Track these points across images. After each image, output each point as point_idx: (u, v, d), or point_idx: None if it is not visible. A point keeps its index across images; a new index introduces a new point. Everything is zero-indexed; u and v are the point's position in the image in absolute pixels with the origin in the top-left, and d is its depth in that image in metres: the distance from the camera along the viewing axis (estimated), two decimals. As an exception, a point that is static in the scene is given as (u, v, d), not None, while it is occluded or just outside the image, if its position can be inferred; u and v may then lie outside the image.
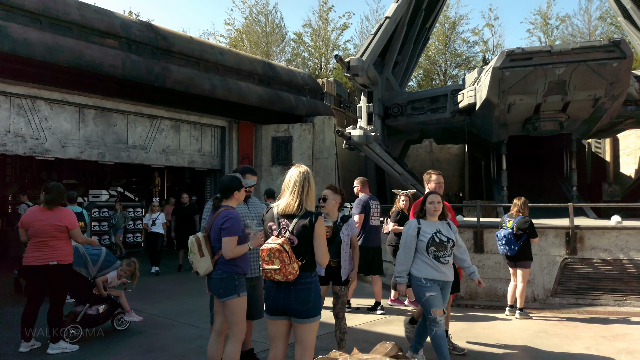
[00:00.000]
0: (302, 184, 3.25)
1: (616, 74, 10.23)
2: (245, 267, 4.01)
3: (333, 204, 4.70)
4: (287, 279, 3.11)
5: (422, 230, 4.42)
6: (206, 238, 3.90)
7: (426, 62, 28.49)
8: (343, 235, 4.63)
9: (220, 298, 3.84)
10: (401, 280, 4.45)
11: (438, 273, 4.36)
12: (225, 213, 3.81)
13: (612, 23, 26.31)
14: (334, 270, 4.68)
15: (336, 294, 4.73)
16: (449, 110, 14.14)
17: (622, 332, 5.91)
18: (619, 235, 7.86)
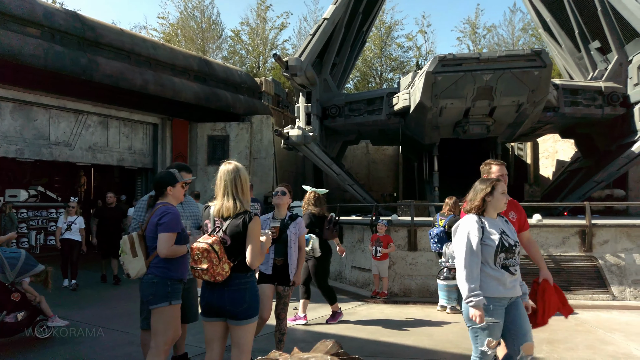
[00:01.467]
0: (233, 183, 3.13)
1: (537, 81, 10.93)
2: (183, 272, 3.70)
3: (287, 200, 4.70)
4: (215, 279, 3.00)
5: (487, 231, 3.35)
6: (140, 237, 3.63)
7: (363, 65, 29.07)
8: (290, 234, 4.57)
9: (149, 305, 3.56)
10: (478, 302, 3.20)
11: (506, 289, 3.31)
12: (163, 208, 3.57)
13: (533, 34, 28.24)
14: (280, 269, 4.60)
15: (279, 294, 4.66)
16: (385, 112, 14.48)
17: (543, 322, 6.31)
18: (540, 232, 8.41)
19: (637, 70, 13.18)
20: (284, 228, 4.52)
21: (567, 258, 8.27)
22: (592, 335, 5.68)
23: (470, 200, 3.52)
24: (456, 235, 3.44)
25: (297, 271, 4.66)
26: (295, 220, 4.65)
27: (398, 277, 8.60)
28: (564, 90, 13.56)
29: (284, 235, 4.51)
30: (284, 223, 4.58)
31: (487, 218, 3.42)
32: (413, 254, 8.64)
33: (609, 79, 13.95)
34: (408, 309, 7.34)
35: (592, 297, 8.01)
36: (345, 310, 7.21)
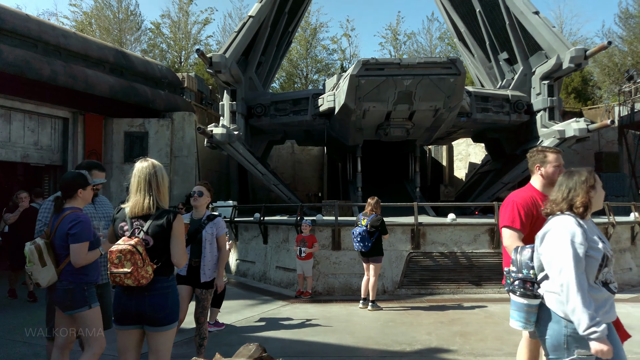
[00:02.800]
0: (148, 181, 3.00)
1: (452, 88, 11.56)
2: (96, 275, 3.64)
3: (206, 200, 4.56)
4: (139, 283, 2.84)
5: (590, 239, 2.60)
6: (48, 245, 3.44)
7: (289, 65, 29.13)
8: (206, 234, 4.44)
9: (67, 311, 3.43)
10: (603, 333, 2.39)
11: (607, 313, 2.59)
12: (73, 216, 3.38)
13: (449, 43, 29.88)
14: (196, 270, 4.46)
15: (197, 298, 4.51)
16: (310, 113, 14.59)
17: (457, 317, 6.69)
18: (454, 230, 8.90)
19: (539, 81, 14.39)
20: (200, 228, 4.39)
21: (478, 254, 8.83)
22: (500, 327, 6.11)
23: (567, 198, 2.70)
24: (552, 241, 2.61)
25: (218, 274, 4.55)
26: (213, 220, 4.53)
27: (322, 276, 8.69)
28: (476, 97, 14.49)
29: (199, 236, 4.39)
30: (200, 223, 4.46)
31: (585, 221, 2.66)
32: (337, 253, 8.79)
33: (515, 88, 15.11)
34: (331, 308, 7.45)
35: (500, 291, 8.61)
36: (270, 311, 7.16)
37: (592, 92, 27.91)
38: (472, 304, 7.56)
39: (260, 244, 10.14)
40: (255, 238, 10.36)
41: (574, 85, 26.81)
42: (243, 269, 10.61)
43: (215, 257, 4.53)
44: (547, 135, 13.82)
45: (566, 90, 26.11)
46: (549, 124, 13.99)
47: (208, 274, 4.48)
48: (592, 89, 28.00)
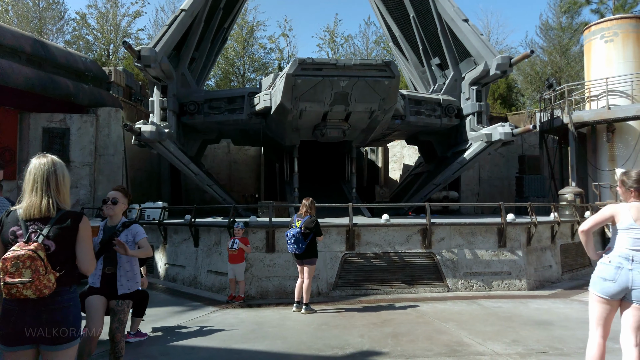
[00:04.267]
0: (46, 179, 2.67)
1: (387, 90, 11.71)
2: None
3: (122, 208, 4.16)
4: (40, 294, 2.48)
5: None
6: None
7: (225, 63, 28.47)
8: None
9: None
10: None
11: None
12: None
13: (385, 47, 30.54)
14: (111, 280, 4.08)
15: (113, 311, 4.11)
16: (246, 112, 14.26)
17: (389, 317, 6.70)
18: (388, 231, 8.97)
19: (468, 86, 14.97)
20: (114, 236, 3.99)
21: (410, 254, 8.96)
22: (431, 326, 6.18)
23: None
24: None
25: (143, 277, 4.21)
26: (128, 227, 4.16)
27: (255, 280, 8.44)
28: (410, 100, 14.81)
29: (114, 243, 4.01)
30: (114, 230, 4.08)
31: None
32: (271, 255, 8.57)
33: (447, 92, 15.63)
34: (264, 312, 7.22)
35: (431, 290, 8.80)
36: (198, 318, 6.82)
37: (516, 98, 29.62)
38: (404, 304, 7.63)
39: (191, 247, 9.70)
40: (186, 241, 9.91)
41: (500, 91, 28.33)
42: (172, 274, 10.11)
43: (134, 267, 4.18)
44: (476, 139, 14.39)
45: (493, 96, 27.53)
46: (477, 127, 14.58)
47: (125, 285, 4.10)
48: (516, 95, 29.72)
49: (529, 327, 6.09)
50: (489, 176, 20.17)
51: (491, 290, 8.94)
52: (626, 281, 3.27)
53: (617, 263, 3.31)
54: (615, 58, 16.35)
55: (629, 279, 3.26)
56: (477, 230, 9.22)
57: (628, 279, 3.26)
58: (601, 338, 3.42)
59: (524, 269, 9.18)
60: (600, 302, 3.38)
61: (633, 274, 3.26)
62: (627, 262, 3.28)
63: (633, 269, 3.27)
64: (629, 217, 3.38)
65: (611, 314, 3.40)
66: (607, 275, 3.35)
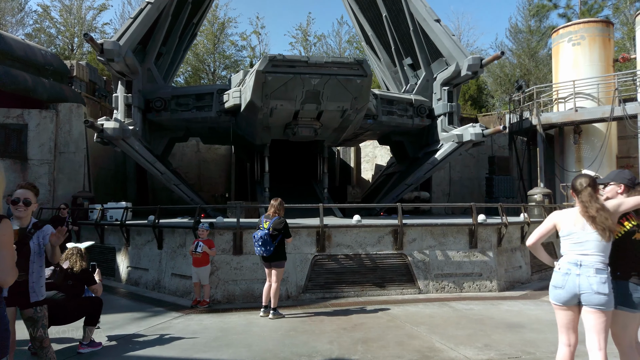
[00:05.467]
0: None
1: (359, 89, 11.55)
2: None
3: (33, 208, 3.77)
4: None
5: None
6: None
7: (195, 59, 27.84)
8: (33, 245, 3.72)
9: None
10: None
11: None
12: None
13: (357, 47, 30.48)
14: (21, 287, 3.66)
15: (32, 319, 3.74)
16: (215, 109, 13.87)
17: (360, 321, 6.50)
18: (359, 232, 8.78)
19: (440, 87, 14.96)
20: (26, 239, 3.61)
21: (382, 256, 8.79)
22: (402, 330, 6.00)
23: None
24: None
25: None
26: (40, 228, 3.78)
27: (222, 283, 8.11)
28: (382, 100, 14.70)
29: (26, 247, 3.64)
30: (25, 233, 3.68)
31: None
32: (238, 257, 8.26)
33: (419, 92, 15.60)
34: (230, 317, 6.91)
35: (402, 292, 8.65)
36: (159, 325, 6.46)
37: (486, 100, 30.04)
38: (375, 307, 7.45)
39: (155, 250, 9.28)
40: (149, 243, 9.48)
41: (471, 93, 28.66)
42: (135, 277, 9.66)
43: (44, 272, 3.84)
44: (447, 139, 14.39)
45: (463, 97, 27.83)
46: (448, 128, 14.58)
47: (39, 291, 3.75)
48: (486, 97, 30.14)
49: (500, 331, 5.99)
50: (459, 177, 20.30)
51: (462, 292, 8.86)
52: (574, 287, 3.25)
53: (566, 269, 3.30)
54: (582, 61, 16.66)
55: (576, 285, 3.24)
56: (449, 231, 9.13)
57: (575, 285, 3.24)
58: (567, 345, 3.40)
59: (495, 270, 9.15)
60: (558, 309, 3.39)
61: (580, 279, 3.22)
62: (575, 267, 3.26)
63: (581, 273, 3.23)
64: (569, 224, 3.38)
65: (574, 320, 3.37)
66: (556, 283, 3.35)
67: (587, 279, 3.21)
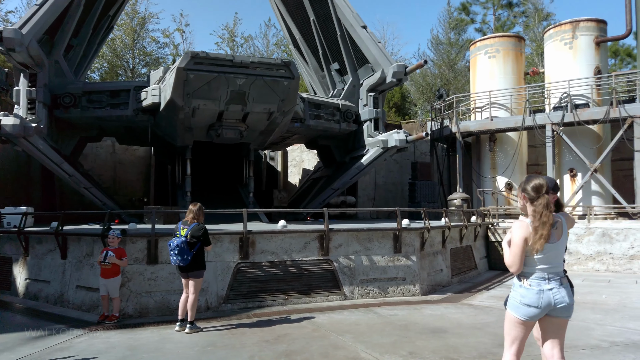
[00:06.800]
0: None
1: (286, 92, 11.32)
2: None
3: None
4: None
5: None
6: None
7: (112, 55, 26.14)
8: None
9: None
10: None
11: None
12: None
13: (285, 50, 30.29)
14: None
15: None
16: (132, 107, 12.99)
17: (284, 332, 6.20)
18: (284, 238, 8.50)
19: (366, 93, 15.13)
20: None
21: (307, 262, 8.57)
22: (327, 340, 5.78)
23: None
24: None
25: None
26: None
27: (134, 296, 7.45)
28: (309, 104, 14.59)
29: None
30: None
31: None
32: (153, 267, 7.64)
33: (345, 98, 15.67)
34: (142, 333, 6.32)
35: (328, 299, 8.48)
36: (57, 345, 5.73)
37: (409, 108, 31.08)
38: (300, 316, 7.20)
39: (58, 260, 8.36)
40: (51, 252, 8.53)
41: (395, 100, 29.50)
42: (34, 291, 8.65)
43: None
44: (373, 145, 14.56)
45: (388, 104, 28.57)
46: (374, 133, 14.76)
47: None
48: (409, 105, 31.18)
49: (424, 337, 5.96)
50: (384, 181, 20.71)
51: (387, 297, 8.87)
52: (548, 302, 3.11)
53: (537, 286, 3.12)
54: (497, 73, 17.64)
55: (550, 300, 3.10)
56: (374, 236, 9.12)
57: (550, 300, 3.10)
58: (515, 356, 3.25)
59: (418, 274, 9.26)
60: (520, 324, 3.19)
61: (553, 292, 3.11)
62: (544, 282, 3.12)
63: (552, 287, 3.12)
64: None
65: (528, 332, 3.25)
66: (530, 301, 3.12)
67: (559, 292, 3.09)
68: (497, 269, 13.19)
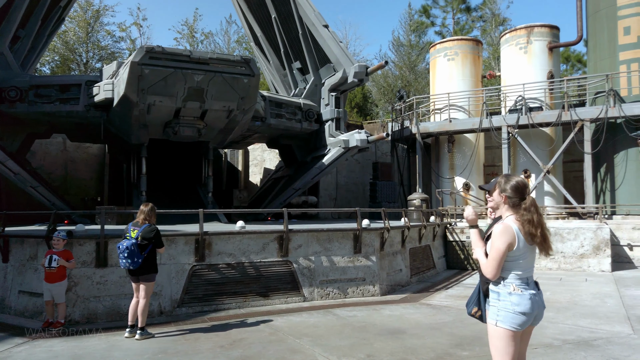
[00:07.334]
0: None
1: (247, 89, 11.10)
2: None
3: None
4: None
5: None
6: None
7: (64, 48, 25.00)
8: None
9: None
10: None
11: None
12: None
13: (246, 48, 29.89)
14: None
15: None
16: (83, 103, 12.43)
17: (240, 337, 6.01)
18: (242, 239, 8.30)
19: (328, 93, 15.06)
20: None
21: (266, 264, 8.40)
22: (284, 344, 5.64)
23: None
24: None
25: None
26: None
27: (81, 301, 7.07)
28: (271, 102, 14.39)
29: None
30: None
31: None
32: (102, 271, 7.27)
33: (307, 97, 15.55)
34: (88, 341, 5.98)
35: (287, 301, 8.34)
36: (-5, 357, 5.34)
37: (371, 108, 31.33)
38: (257, 319, 7.02)
39: (-2, 263, 7.85)
40: (-8, 256, 7.99)
41: (356, 100, 29.65)
42: (-28, 297, 8.08)
43: None
44: (334, 144, 14.51)
45: (350, 104, 28.67)
46: (335, 133, 14.72)
47: None
48: (370, 105, 31.43)
49: (382, 338, 5.92)
50: (345, 181, 20.74)
51: (346, 298, 8.81)
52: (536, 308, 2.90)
53: (527, 293, 2.89)
54: (455, 75, 17.98)
55: (536, 305, 2.90)
56: (334, 237, 9.04)
57: (536, 305, 2.90)
58: None
59: (378, 274, 9.25)
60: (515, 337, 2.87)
61: (536, 298, 2.92)
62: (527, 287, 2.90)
63: (534, 292, 2.91)
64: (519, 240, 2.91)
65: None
66: (525, 309, 2.85)
67: (538, 296, 2.93)
68: (454, 268, 13.42)
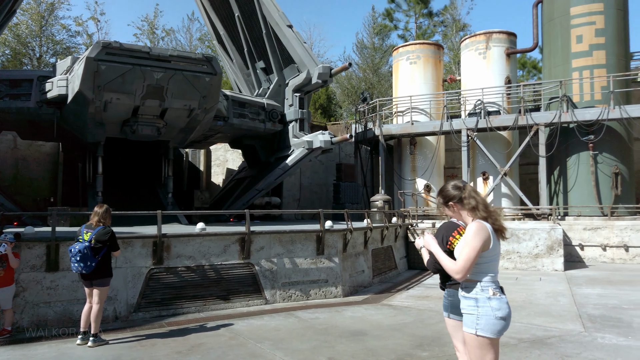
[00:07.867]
0: None
1: (208, 88, 10.89)
2: None
3: None
4: None
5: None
6: None
7: (15, 41, 23.84)
8: None
9: None
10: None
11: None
12: None
13: (209, 46, 29.41)
14: None
15: None
16: (35, 99, 11.89)
17: (198, 342, 5.86)
18: (203, 241, 8.11)
19: (291, 93, 15.00)
20: None
21: (227, 266, 8.24)
22: (244, 349, 5.54)
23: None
24: None
25: None
26: None
27: (30, 307, 6.72)
28: (233, 102, 14.19)
29: None
30: None
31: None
32: (53, 275, 6.94)
33: (271, 97, 15.43)
34: (37, 349, 5.68)
35: (249, 303, 8.21)
36: None
37: (335, 110, 31.45)
38: (217, 323, 6.87)
39: (-62, 269, 7.36)
40: None
41: (320, 102, 29.69)
42: None
43: None
44: (298, 145, 14.46)
45: (314, 105, 28.68)
46: (299, 134, 14.67)
47: None
48: (334, 107, 31.55)
49: (344, 340, 5.91)
50: (309, 182, 20.71)
51: (309, 299, 8.76)
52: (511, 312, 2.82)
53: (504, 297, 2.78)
54: (417, 78, 18.27)
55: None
56: (297, 238, 8.98)
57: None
58: None
59: (340, 275, 9.26)
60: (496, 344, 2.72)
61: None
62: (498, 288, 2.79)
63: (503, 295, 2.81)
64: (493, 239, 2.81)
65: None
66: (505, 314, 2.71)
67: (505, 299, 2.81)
68: (416, 268, 13.61)
